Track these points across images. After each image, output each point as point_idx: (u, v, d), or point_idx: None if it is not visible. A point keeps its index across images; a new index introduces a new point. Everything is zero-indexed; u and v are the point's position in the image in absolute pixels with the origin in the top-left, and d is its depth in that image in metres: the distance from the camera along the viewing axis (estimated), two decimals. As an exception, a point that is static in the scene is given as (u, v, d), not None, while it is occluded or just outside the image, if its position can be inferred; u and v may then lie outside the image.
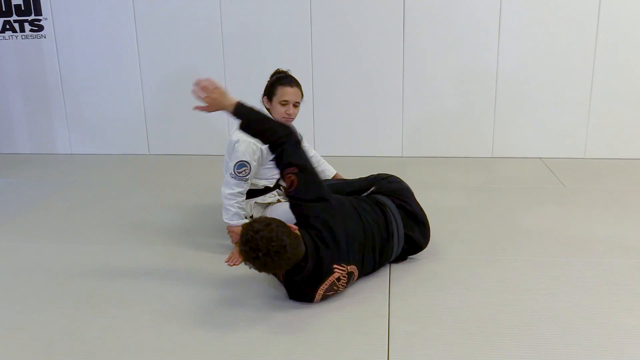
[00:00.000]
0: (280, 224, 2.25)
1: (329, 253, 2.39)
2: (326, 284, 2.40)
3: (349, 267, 2.45)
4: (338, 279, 2.42)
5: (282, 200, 3.13)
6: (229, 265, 2.85)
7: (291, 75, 2.99)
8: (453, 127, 4.62)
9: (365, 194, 2.82)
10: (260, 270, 2.26)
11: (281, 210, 2.91)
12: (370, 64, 4.53)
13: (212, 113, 2.63)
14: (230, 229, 2.93)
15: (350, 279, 2.49)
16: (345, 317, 2.37)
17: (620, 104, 4.42)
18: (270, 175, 3.07)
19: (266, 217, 2.29)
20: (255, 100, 3.03)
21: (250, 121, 2.53)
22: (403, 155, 4.72)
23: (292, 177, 2.47)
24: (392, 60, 4.50)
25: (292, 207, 2.53)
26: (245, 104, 2.53)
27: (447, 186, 3.96)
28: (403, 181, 2.96)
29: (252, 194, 3.04)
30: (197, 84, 2.56)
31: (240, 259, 2.81)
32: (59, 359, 2.14)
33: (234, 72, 4.65)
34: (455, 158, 4.65)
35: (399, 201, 2.75)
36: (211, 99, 2.54)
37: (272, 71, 3.05)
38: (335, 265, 2.40)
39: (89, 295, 2.59)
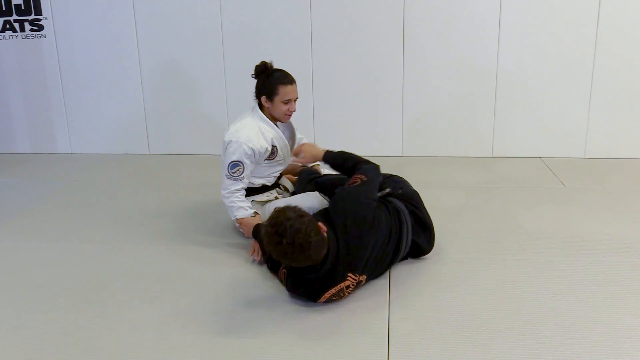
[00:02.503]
0: (312, 220, 2.25)
1: (347, 261, 2.39)
2: (335, 289, 2.39)
3: (360, 277, 2.46)
4: (347, 287, 2.42)
5: (279, 197, 3.13)
6: (255, 259, 2.83)
7: (286, 71, 2.97)
8: (453, 127, 4.62)
9: (380, 194, 2.79)
10: (277, 258, 2.25)
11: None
12: (371, 63, 4.53)
13: (210, 112, 2.68)
14: (240, 222, 2.96)
15: (357, 287, 2.49)
16: (345, 316, 2.37)
17: (620, 103, 4.42)
18: (268, 173, 3.08)
19: (301, 209, 2.28)
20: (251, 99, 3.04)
21: (339, 161, 2.88)
22: (403, 155, 4.72)
23: (358, 179, 2.62)
24: (392, 60, 4.50)
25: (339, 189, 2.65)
26: (332, 151, 2.93)
27: (447, 186, 3.96)
28: (407, 181, 2.98)
29: (249, 191, 3.05)
30: (299, 152, 2.99)
31: (255, 252, 2.83)
32: (59, 358, 2.14)
33: (234, 72, 4.65)
34: (456, 157, 4.65)
35: (411, 207, 2.77)
36: (309, 155, 2.96)
37: (270, 70, 2.99)
38: (349, 274, 2.40)
39: (90, 294, 2.59)
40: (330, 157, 2.90)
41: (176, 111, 4.82)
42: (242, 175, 2.91)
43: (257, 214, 2.99)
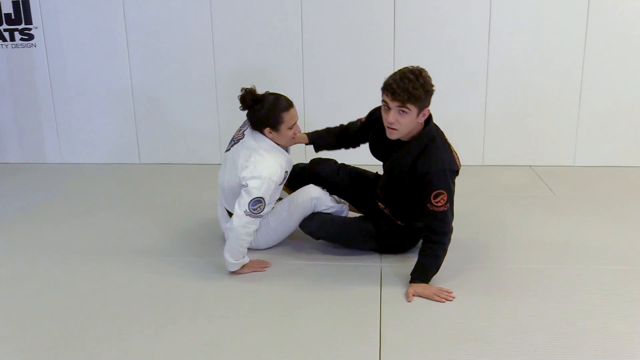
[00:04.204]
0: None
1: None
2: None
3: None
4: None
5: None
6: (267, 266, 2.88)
7: (281, 95, 2.86)
8: (443, 135, 4.63)
9: None
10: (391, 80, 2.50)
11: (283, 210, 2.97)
12: (361, 73, 4.54)
13: (201, 121, 2.64)
14: (237, 272, 2.83)
15: None
16: (337, 325, 2.37)
17: (609, 111, 4.46)
18: (275, 198, 2.96)
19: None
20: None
21: (433, 271, 2.70)
22: (394, 164, 4.72)
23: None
24: (382, 69, 4.51)
25: None
26: (421, 279, 2.69)
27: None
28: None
29: None
30: None
31: (261, 265, 2.86)
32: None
33: (225, 80, 4.66)
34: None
35: None
36: None
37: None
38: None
39: (78, 307, 2.58)
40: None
41: (167, 120, 4.82)
42: (262, 212, 2.75)
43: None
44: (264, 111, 2.79)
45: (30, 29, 4.72)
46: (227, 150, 3.00)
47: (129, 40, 4.66)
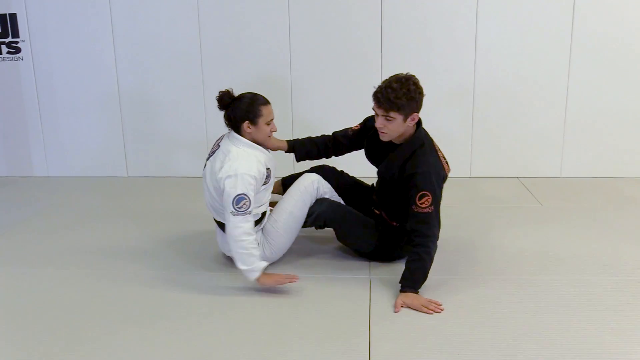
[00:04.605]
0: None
1: None
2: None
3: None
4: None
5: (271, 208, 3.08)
6: (296, 280, 2.74)
7: (257, 93, 2.92)
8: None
9: None
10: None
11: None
12: (349, 85, 4.57)
13: (189, 134, 2.63)
14: (262, 283, 2.72)
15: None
16: (326, 336, 2.36)
17: (594, 123, 4.51)
18: (266, 199, 2.98)
19: None
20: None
21: (422, 279, 2.70)
22: (382, 176, 4.73)
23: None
24: (370, 82, 4.50)
25: None
26: (412, 286, 2.68)
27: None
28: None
29: (255, 224, 2.90)
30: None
31: (288, 278, 2.75)
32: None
33: (213, 94, 4.61)
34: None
35: None
36: None
37: (251, 90, 2.95)
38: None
39: (66, 322, 2.55)
40: None
41: (154, 133, 4.81)
42: (249, 209, 2.72)
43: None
44: (243, 105, 2.85)
45: (17, 42, 4.70)
46: (204, 168, 2.99)
47: (116, 53, 4.66)
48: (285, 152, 3.16)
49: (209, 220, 3.35)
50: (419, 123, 2.76)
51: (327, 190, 3.11)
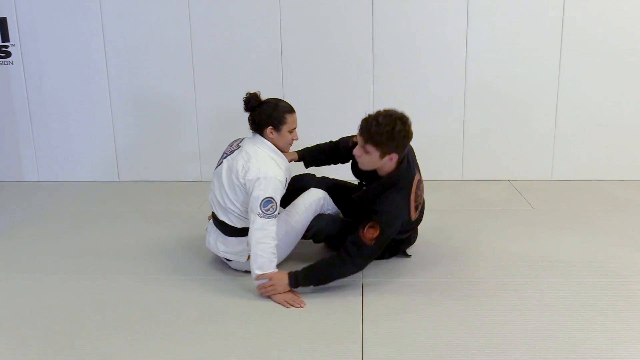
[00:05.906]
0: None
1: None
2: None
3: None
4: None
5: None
6: (302, 306, 2.65)
7: (283, 100, 2.95)
8: (423, 151, 4.62)
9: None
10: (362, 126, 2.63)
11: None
12: (341, 90, 4.57)
13: (181, 139, 2.62)
14: (270, 277, 2.68)
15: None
16: (318, 341, 2.36)
17: (584, 126, 4.53)
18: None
19: None
20: (229, 123, 3.02)
21: (314, 279, 2.72)
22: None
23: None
24: (361, 90, 4.55)
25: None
26: (296, 275, 2.68)
27: (418, 209, 3.99)
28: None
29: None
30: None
31: (297, 302, 2.67)
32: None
33: (205, 98, 4.66)
34: (425, 181, 4.65)
35: None
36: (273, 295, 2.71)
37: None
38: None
39: (56, 326, 2.54)
40: (303, 282, 2.71)
41: (146, 138, 4.79)
42: (275, 212, 2.69)
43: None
44: (269, 110, 2.85)
45: (7, 47, 4.68)
46: (217, 166, 2.98)
47: (107, 58, 4.64)
48: (295, 161, 3.21)
49: (201, 224, 3.35)
50: (401, 163, 2.74)
51: (330, 208, 3.09)
